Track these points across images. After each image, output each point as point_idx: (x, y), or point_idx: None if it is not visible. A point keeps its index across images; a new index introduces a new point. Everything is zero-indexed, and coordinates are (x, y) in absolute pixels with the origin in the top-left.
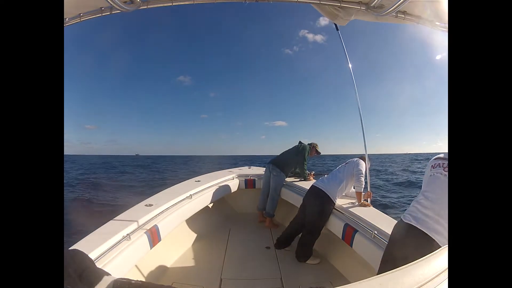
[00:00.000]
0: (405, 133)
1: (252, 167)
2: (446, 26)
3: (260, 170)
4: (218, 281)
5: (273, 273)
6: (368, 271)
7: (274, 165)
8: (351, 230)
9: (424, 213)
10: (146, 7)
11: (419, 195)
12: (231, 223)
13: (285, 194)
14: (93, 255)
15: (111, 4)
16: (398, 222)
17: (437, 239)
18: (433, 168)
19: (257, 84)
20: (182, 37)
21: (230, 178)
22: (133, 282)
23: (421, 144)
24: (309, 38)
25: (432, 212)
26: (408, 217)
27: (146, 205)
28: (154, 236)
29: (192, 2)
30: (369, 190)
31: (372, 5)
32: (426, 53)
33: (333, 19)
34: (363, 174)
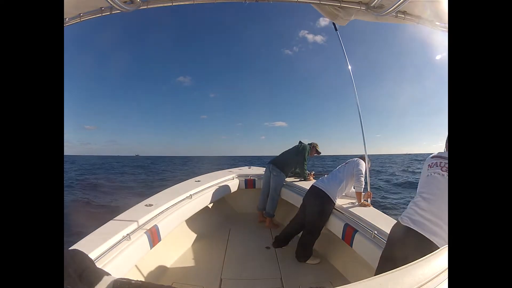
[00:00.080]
0: (405, 133)
1: (252, 167)
2: (446, 26)
3: (260, 170)
4: (218, 281)
5: (273, 273)
6: (368, 271)
7: (274, 165)
8: (351, 230)
9: (422, 215)
10: (146, 7)
11: (416, 196)
12: (231, 223)
13: (285, 194)
14: (93, 255)
15: (111, 4)
16: (395, 224)
17: (435, 241)
18: (430, 167)
19: (257, 85)
20: (182, 37)
21: (230, 178)
22: (133, 282)
23: (421, 144)
24: (309, 38)
25: (430, 215)
26: (406, 219)
27: (146, 205)
28: (154, 236)
29: (192, 2)
30: (369, 190)
31: (372, 5)
32: (426, 53)
33: (333, 19)
34: (363, 174)
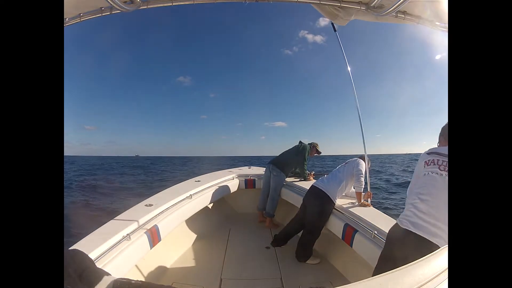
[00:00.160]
0: (405, 133)
1: (252, 167)
2: (446, 26)
3: (260, 170)
4: (218, 281)
5: (273, 273)
6: (368, 271)
7: (274, 165)
8: (351, 230)
9: (422, 218)
10: (146, 7)
11: (414, 197)
12: (231, 223)
13: (285, 194)
14: (93, 255)
15: (111, 4)
16: (394, 226)
17: (436, 241)
18: (427, 165)
19: (257, 85)
20: (182, 37)
21: (230, 178)
22: (133, 282)
23: (421, 144)
24: (309, 38)
25: (430, 217)
26: (405, 222)
27: (146, 205)
28: (154, 236)
29: (192, 2)
30: (369, 190)
31: (372, 5)
32: (426, 53)
33: (333, 19)
34: (363, 174)
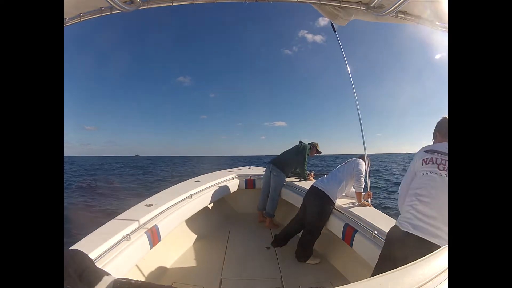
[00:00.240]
0: (405, 133)
1: (252, 167)
2: (446, 26)
3: (260, 170)
4: (218, 281)
5: (273, 273)
6: (368, 271)
7: (274, 165)
8: (351, 230)
9: (422, 220)
10: (146, 7)
11: (412, 198)
12: (231, 223)
13: (285, 194)
14: (93, 255)
15: (111, 4)
16: (393, 228)
17: (436, 242)
18: (426, 164)
19: (257, 85)
20: (182, 37)
21: (230, 178)
22: (133, 282)
23: (421, 144)
24: (309, 38)
25: (430, 219)
26: (405, 225)
27: (146, 205)
28: (154, 236)
29: (192, 2)
30: (369, 190)
31: (372, 5)
32: (426, 53)
33: (333, 19)
34: (363, 174)
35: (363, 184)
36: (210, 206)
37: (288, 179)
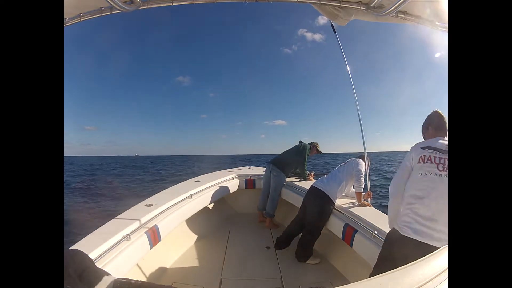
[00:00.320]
0: (405, 132)
1: (252, 167)
2: (446, 26)
3: (260, 170)
4: (218, 281)
5: (273, 273)
6: (368, 271)
7: (274, 165)
8: (351, 230)
9: (423, 224)
10: (146, 7)
11: (411, 200)
12: (231, 223)
13: (285, 194)
14: (93, 255)
15: (111, 4)
16: (392, 232)
17: (437, 244)
18: (424, 162)
19: (257, 84)
20: (182, 37)
21: (230, 178)
22: (133, 282)
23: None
24: (308, 37)
25: (431, 222)
26: (405, 229)
27: (146, 205)
28: (154, 236)
29: (192, 2)
30: (369, 190)
31: (372, 5)
32: (425, 53)
33: (333, 19)
34: (362, 174)
35: (363, 184)
36: (210, 206)
37: (288, 179)
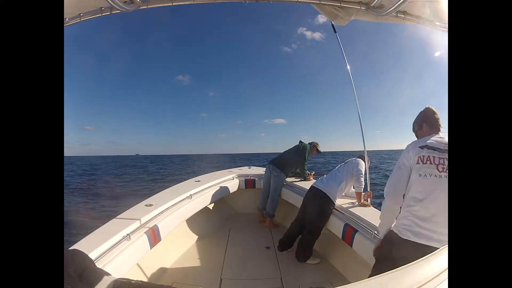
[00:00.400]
0: (404, 131)
1: (252, 167)
2: (446, 26)
3: (260, 170)
4: (218, 281)
5: (273, 273)
6: (368, 271)
7: (274, 165)
8: (351, 230)
9: (423, 227)
10: (146, 7)
11: (410, 202)
12: (231, 223)
13: (285, 194)
14: (93, 255)
15: (111, 4)
16: (390, 235)
17: (437, 245)
18: (423, 163)
19: (257, 82)
20: (182, 37)
21: (230, 178)
22: (133, 282)
23: None
24: (307, 35)
25: (432, 224)
26: (405, 232)
27: (146, 205)
28: (154, 236)
29: (192, 2)
30: (369, 190)
31: (372, 5)
32: (425, 53)
33: (333, 19)
34: (362, 174)
35: (363, 184)
36: (210, 206)
37: (288, 179)
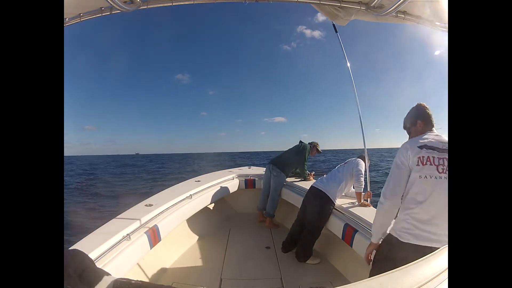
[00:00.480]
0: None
1: (252, 167)
2: (446, 26)
3: (260, 170)
4: (218, 281)
5: (273, 273)
6: (368, 271)
7: (274, 165)
8: (351, 230)
9: (424, 229)
10: (146, 7)
11: (410, 204)
12: (231, 223)
13: (286, 194)
14: (93, 255)
15: (111, 4)
16: (389, 239)
17: (437, 246)
18: (423, 164)
19: (256, 81)
20: (182, 37)
21: (230, 178)
22: (133, 282)
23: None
24: (307, 34)
25: (432, 226)
26: (405, 236)
27: (146, 205)
28: (154, 236)
29: (192, 2)
30: (369, 190)
31: (372, 5)
32: (425, 53)
33: (333, 19)
34: (362, 174)
35: (363, 184)
36: (210, 206)
37: (288, 179)
